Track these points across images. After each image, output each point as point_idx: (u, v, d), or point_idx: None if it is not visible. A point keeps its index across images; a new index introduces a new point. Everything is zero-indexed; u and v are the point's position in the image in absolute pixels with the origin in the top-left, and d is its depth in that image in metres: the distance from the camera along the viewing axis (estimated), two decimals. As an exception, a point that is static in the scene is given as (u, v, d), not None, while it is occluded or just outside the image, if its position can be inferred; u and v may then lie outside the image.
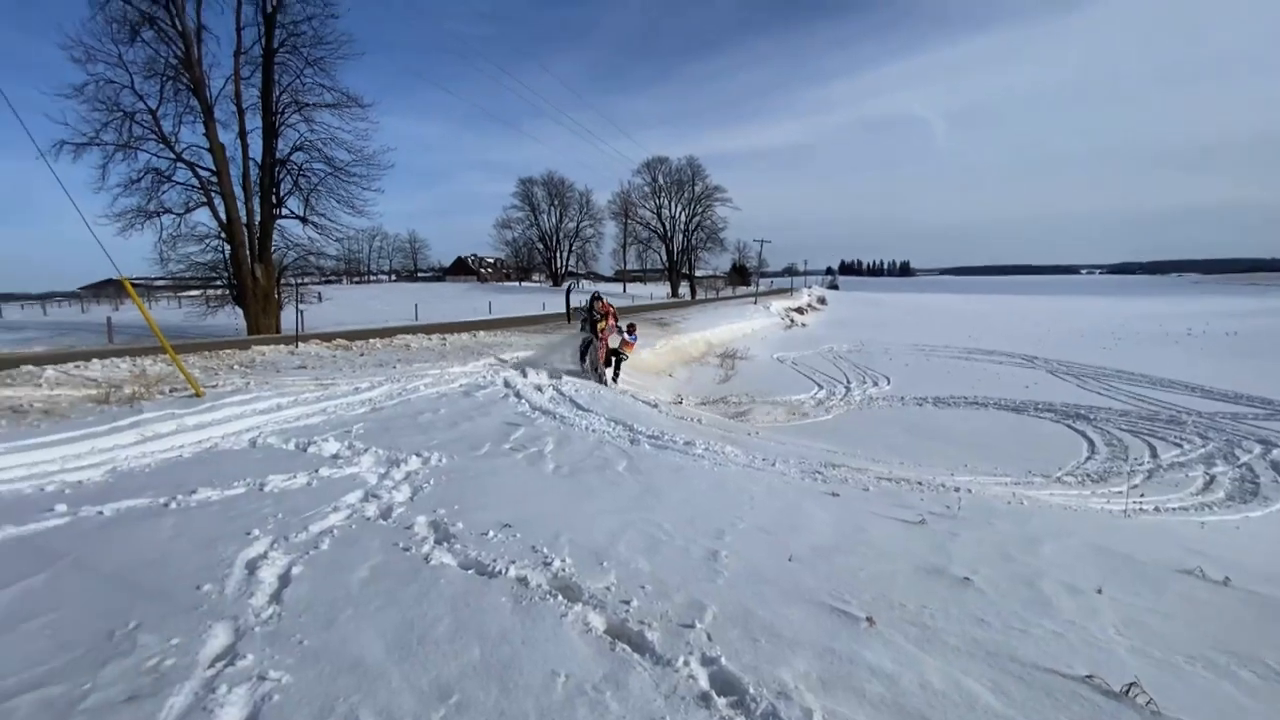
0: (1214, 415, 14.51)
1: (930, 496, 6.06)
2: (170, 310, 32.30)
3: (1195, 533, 6.14)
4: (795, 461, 7.58)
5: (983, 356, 26.47)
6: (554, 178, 68.47)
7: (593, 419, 8.51)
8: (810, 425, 14.53)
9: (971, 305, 63.95)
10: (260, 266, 22.03)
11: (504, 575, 3.21)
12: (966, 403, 17.31)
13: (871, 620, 2.90)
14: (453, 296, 45.86)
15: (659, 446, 7.04)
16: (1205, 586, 3.69)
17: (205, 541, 3.57)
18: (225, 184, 21.18)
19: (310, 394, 8.27)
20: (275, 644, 2.50)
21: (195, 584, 3.02)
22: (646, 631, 2.67)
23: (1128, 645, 2.82)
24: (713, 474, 6.08)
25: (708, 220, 63.95)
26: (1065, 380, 20.76)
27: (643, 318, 30.33)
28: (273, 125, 21.93)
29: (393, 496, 4.54)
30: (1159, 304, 60.82)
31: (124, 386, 7.98)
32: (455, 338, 16.27)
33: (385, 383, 9.36)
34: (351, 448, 5.94)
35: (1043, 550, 4.19)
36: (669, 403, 13.61)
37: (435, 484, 4.90)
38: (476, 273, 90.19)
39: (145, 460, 5.39)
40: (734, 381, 20.46)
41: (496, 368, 11.90)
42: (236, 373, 9.38)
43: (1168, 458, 11.15)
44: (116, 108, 19.47)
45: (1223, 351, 26.56)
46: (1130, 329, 37.62)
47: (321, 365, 10.67)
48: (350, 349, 12.89)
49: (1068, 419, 14.86)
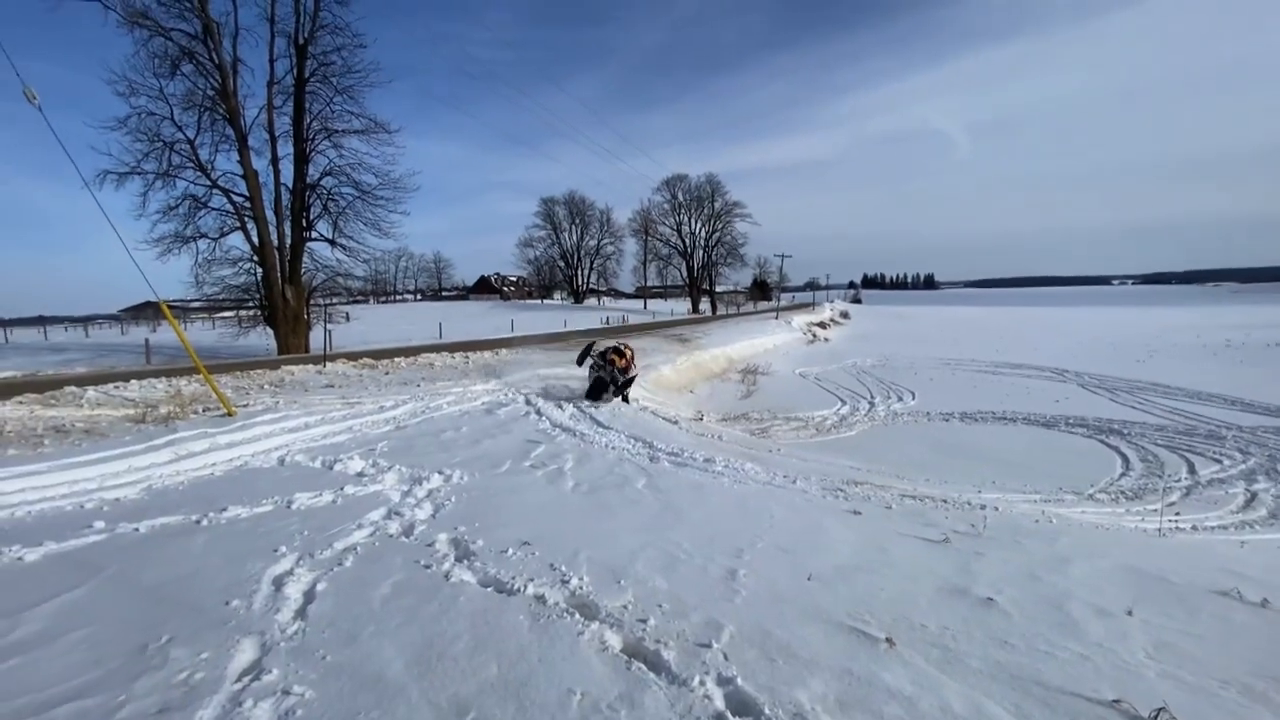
0: (1256, 430, 14.01)
1: (955, 515, 5.95)
2: (204, 331, 33.32)
3: (1234, 552, 5.92)
4: (817, 479, 7.51)
5: (1011, 370, 25.96)
6: (575, 196, 69.52)
7: (613, 436, 8.55)
8: (833, 441, 14.37)
9: (999, 318, 62.86)
10: (290, 288, 22.64)
11: (522, 593, 3.25)
12: (995, 418, 16.97)
13: (891, 641, 2.86)
14: (476, 315, 46.53)
15: (679, 464, 7.04)
16: (1242, 608, 3.56)
17: (235, 558, 3.67)
18: (258, 209, 21.89)
19: (337, 413, 8.45)
20: (300, 659, 2.57)
21: (225, 599, 3.11)
22: (663, 650, 2.68)
23: (1158, 669, 2.74)
24: (733, 492, 6.06)
25: (728, 236, 64.26)
26: (1098, 394, 20.24)
27: (663, 334, 30.40)
28: (304, 151, 22.66)
29: (415, 514, 4.62)
30: (1195, 314, 59.13)
31: (160, 406, 8.25)
32: (478, 356, 16.50)
33: (409, 401, 9.52)
34: (376, 465, 6.06)
35: (1072, 571, 4.09)
36: (689, 419, 13.59)
37: (456, 501, 4.97)
38: (499, 291, 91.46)
39: (179, 478, 5.56)
40: (756, 397, 20.35)
41: (518, 385, 12.03)
42: (266, 392, 9.64)
43: (1206, 474, 10.79)
44: (157, 138, 20.35)
45: (1265, 362, 25.68)
46: (1166, 340, 36.60)
47: (348, 384, 10.90)
48: (376, 368, 13.15)
49: (1101, 434, 14.47)
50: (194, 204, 21.48)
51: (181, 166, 20.98)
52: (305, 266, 23.40)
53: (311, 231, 23.54)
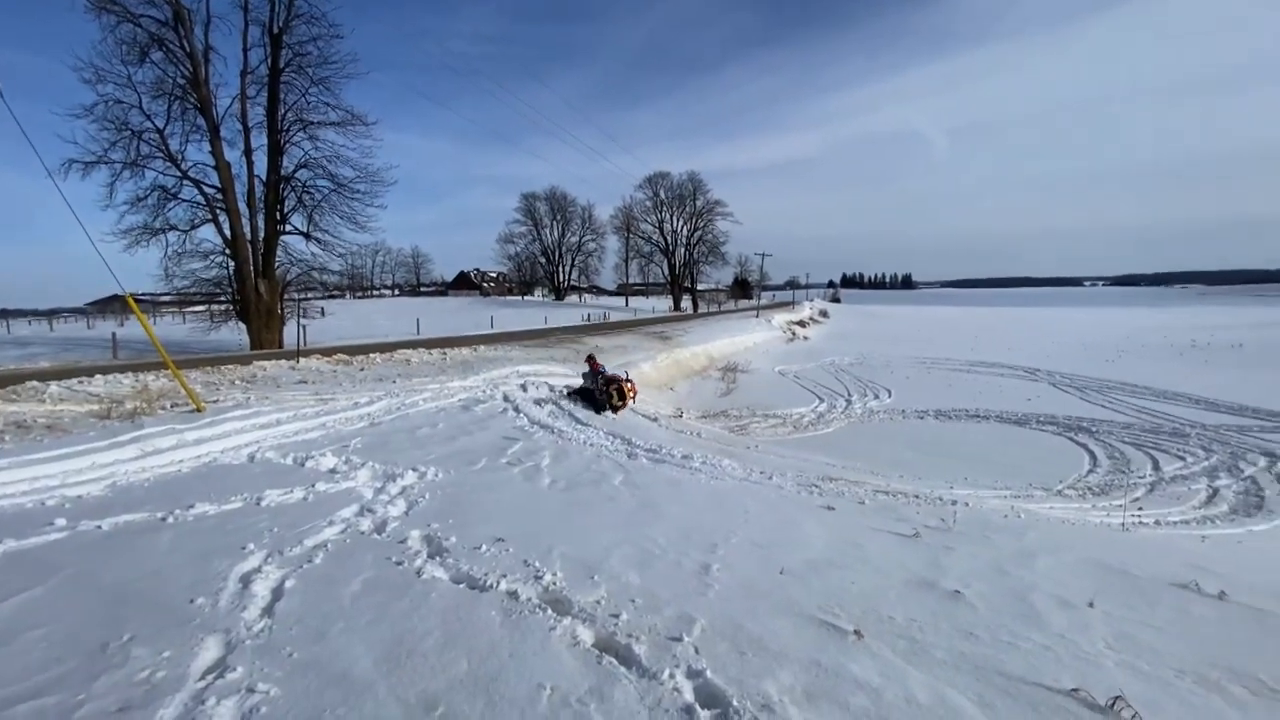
0: (1219, 428, 14.44)
1: (927, 510, 6.05)
2: (174, 326, 32.55)
3: (1195, 547, 6.12)
4: (793, 475, 7.59)
5: (985, 369, 26.44)
6: (556, 192, 69.09)
7: (591, 433, 8.54)
8: (810, 438, 14.52)
9: (974, 317, 63.95)
10: (264, 282, 22.20)
11: (495, 589, 3.23)
12: (968, 415, 17.28)
13: (859, 633, 2.91)
14: (455, 311, 46.08)
15: (656, 460, 7.06)
16: (1200, 600, 3.68)
17: (201, 555, 3.60)
18: (230, 201, 21.42)
19: (309, 409, 8.33)
20: (265, 657, 2.53)
21: (189, 597, 3.05)
22: (634, 644, 2.69)
23: (1116, 659, 2.82)
24: (709, 488, 6.10)
25: (709, 234, 64.40)
26: (1068, 393, 20.72)
27: (644, 331, 30.43)
28: (278, 143, 22.21)
29: (387, 511, 4.58)
30: (1163, 315, 60.75)
31: (126, 402, 8.05)
32: (455, 352, 16.35)
33: (384, 397, 9.41)
34: (349, 462, 5.99)
35: (1037, 564, 4.19)
36: (669, 416, 13.63)
37: (430, 498, 4.93)
38: (479, 287, 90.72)
39: (145, 475, 5.43)
40: (735, 395, 20.47)
41: (496, 382, 11.95)
42: (238, 388, 9.46)
43: (1170, 470, 11.10)
44: (125, 127, 19.78)
45: (1228, 363, 26.47)
46: (1135, 341, 37.55)
47: (322, 380, 10.74)
48: (350, 364, 12.97)
49: (1070, 432, 14.81)
50: (163, 195, 20.93)
51: (150, 156, 20.43)
52: (279, 260, 22.94)
53: (286, 224, 23.09)
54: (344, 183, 23.26)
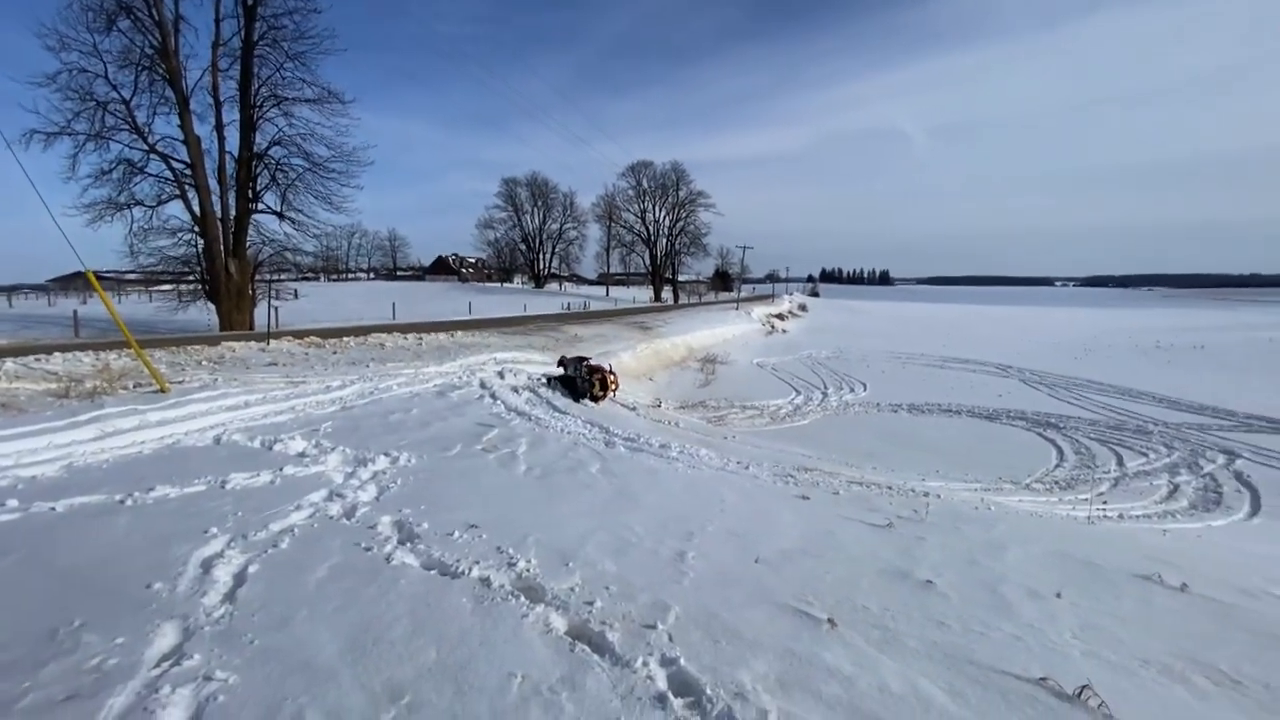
0: (1180, 426, 14.87)
1: (900, 501, 6.12)
2: (140, 305, 31.59)
3: (1157, 540, 6.28)
4: (769, 465, 7.62)
5: (957, 365, 26.91)
6: (538, 178, 68.13)
7: (569, 421, 8.48)
8: (787, 430, 14.63)
9: (948, 314, 65.02)
10: (234, 262, 21.61)
11: (466, 576, 3.17)
12: (940, 410, 17.57)
13: (833, 622, 2.91)
14: (432, 296, 45.42)
15: (634, 449, 7.02)
16: (1163, 592, 3.77)
17: (160, 539, 3.47)
18: (200, 177, 20.76)
19: (279, 392, 8.13)
20: (225, 644, 2.44)
21: (146, 582, 2.94)
22: (608, 632, 2.65)
23: (1083, 649, 2.86)
24: (686, 477, 6.08)
25: (691, 225, 64.16)
26: (1037, 389, 21.18)
27: (624, 321, 30.34)
28: (251, 119, 21.55)
29: (358, 496, 4.47)
30: (1129, 316, 62.40)
31: (86, 381, 7.77)
32: (432, 337, 16.10)
33: (357, 381, 9.23)
34: (319, 446, 5.84)
35: (1007, 556, 4.24)
36: (647, 406, 13.62)
37: (402, 484, 4.83)
38: (457, 272, 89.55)
39: (103, 456, 5.24)
40: (714, 386, 20.54)
41: (473, 369, 11.79)
42: (204, 369, 9.19)
43: (1133, 466, 11.40)
44: (89, 97, 19.02)
45: (1190, 364, 27.28)
46: (1102, 341, 38.52)
47: (293, 363, 10.50)
48: (323, 347, 12.69)
49: (1039, 427, 15.14)
50: (129, 169, 20.21)
51: (116, 128, 19.69)
52: (251, 239, 22.35)
53: (258, 203, 22.48)
54: (319, 161, 22.70)
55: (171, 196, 21.16)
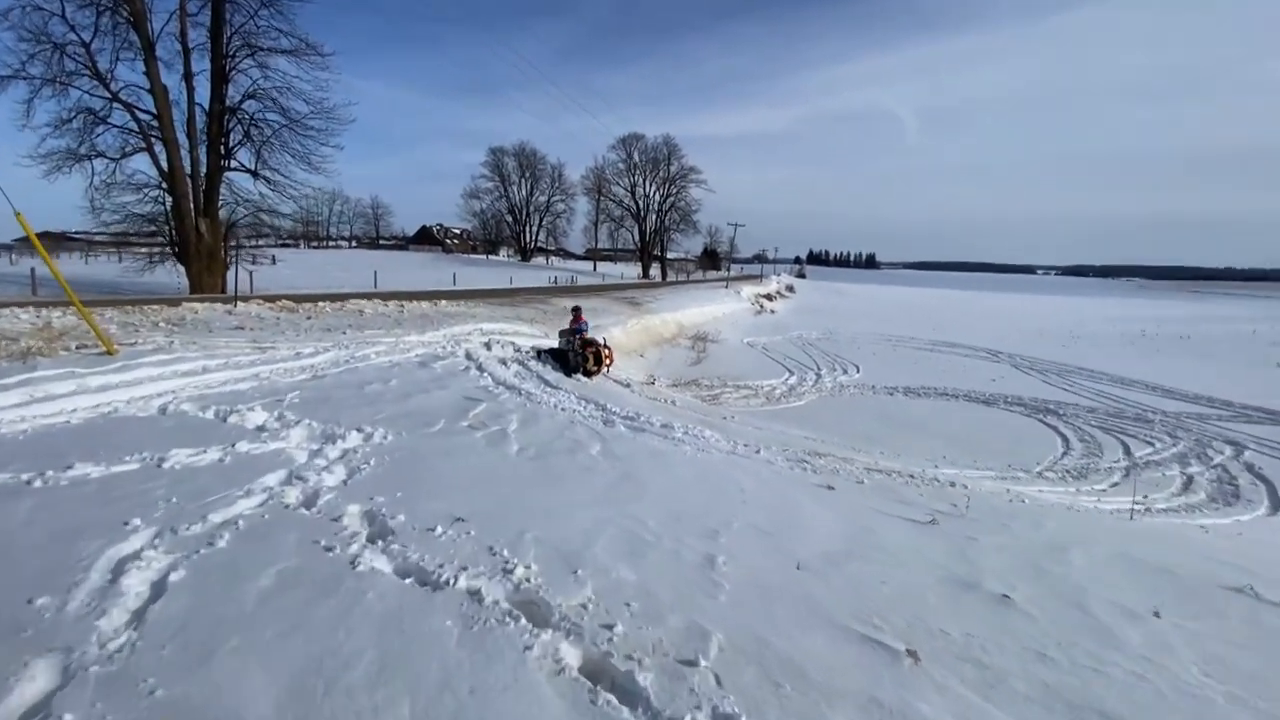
0: (1179, 415, 14.61)
1: (929, 492, 5.58)
2: (109, 265, 30.03)
3: (1205, 539, 5.82)
4: (779, 449, 7.06)
5: (948, 349, 26.63)
6: (526, 149, 66.08)
7: (562, 397, 7.82)
8: (783, 411, 14.12)
9: (935, 299, 64.91)
10: (205, 222, 20.35)
11: (451, 587, 2.52)
12: (937, 394, 17.18)
13: (914, 655, 2.32)
14: (416, 266, 44.03)
15: (635, 429, 6.39)
16: (1268, 610, 3.24)
17: (65, 533, 2.77)
18: (167, 129, 19.39)
19: (244, 357, 7.35)
20: (113, 694, 1.76)
21: (29, 595, 2.24)
22: (637, 672, 2.03)
23: (1222, 691, 2.31)
24: (696, 461, 5.47)
25: (682, 201, 62.82)
26: (1030, 375, 20.92)
27: (614, 296, 29.56)
28: (222, 69, 20.12)
29: (322, 479, 3.77)
30: (1110, 306, 62.85)
31: (21, 340, 6.93)
32: (414, 305, 15.25)
33: (332, 349, 8.45)
34: (281, 419, 5.11)
35: (1072, 560, 3.70)
36: (641, 383, 12.99)
37: (376, 465, 4.14)
38: (442, 243, 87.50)
39: (22, 426, 4.47)
40: (705, 364, 19.97)
41: (458, 339, 11.04)
42: (161, 331, 8.34)
43: (1141, 455, 11.05)
44: (45, 38, 17.53)
45: (1177, 353, 27.29)
46: (1087, 329, 38.55)
47: (262, 327, 9.67)
48: (296, 311, 11.81)
49: (1038, 413, 14.79)
50: (90, 118, 18.78)
51: (76, 74, 18.22)
52: (223, 199, 21.05)
53: (231, 160, 21.14)
54: (296, 118, 21.28)
55: (136, 149, 19.79)
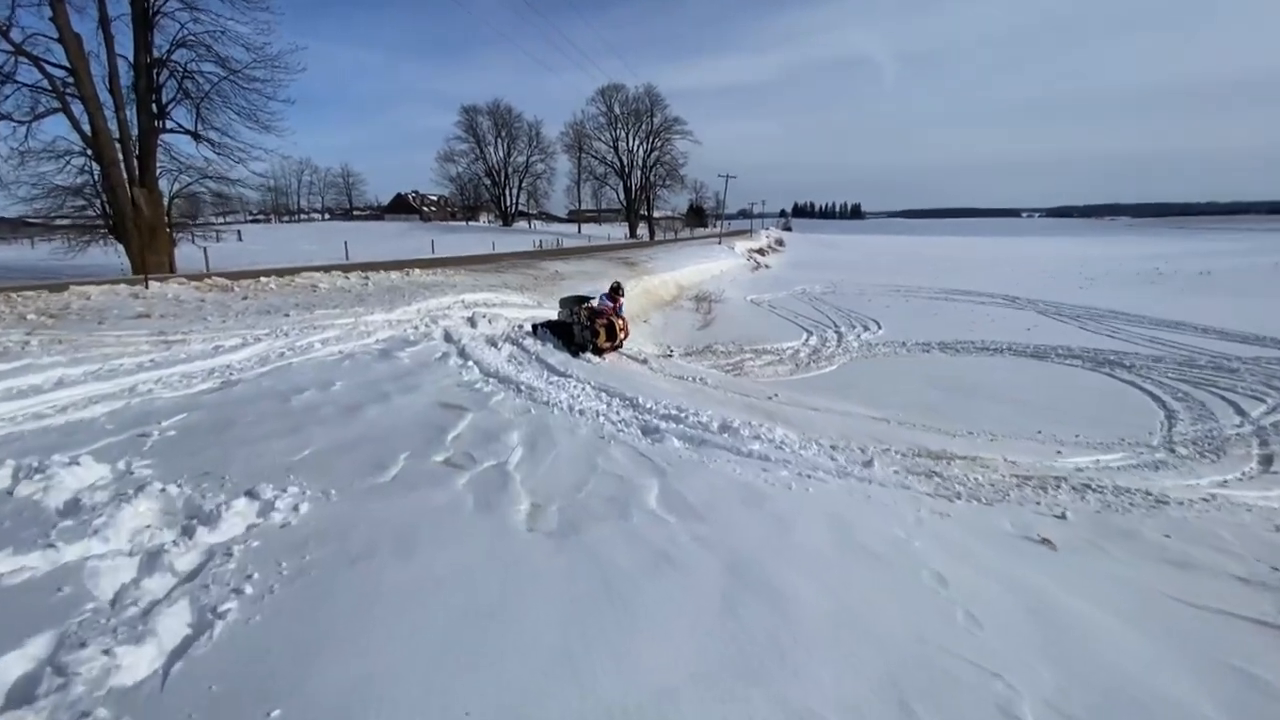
0: (1258, 360, 12.85)
1: (1153, 522, 3.68)
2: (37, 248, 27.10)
3: None
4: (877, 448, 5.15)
5: (962, 297, 24.72)
6: (500, 106, 61.78)
7: (575, 389, 5.81)
8: (816, 379, 12.16)
9: (930, 247, 62.81)
10: (142, 192, 17.74)
11: None
12: (976, 348, 15.28)
13: None
14: (391, 236, 41.09)
15: (691, 440, 4.41)
16: None
17: None
18: (85, 85, 16.57)
19: (130, 359, 5.26)
20: None
21: None
22: None
23: None
24: (815, 506, 3.49)
25: (667, 155, 59.41)
26: (1064, 322, 19.08)
27: (606, 257, 27.30)
28: (145, 11, 17.18)
29: (118, 662, 1.76)
30: (1106, 246, 61.14)
31: None
32: (381, 276, 12.99)
33: (266, 338, 6.38)
34: (124, 479, 3.04)
35: None
36: (657, 357, 10.99)
37: (261, 587, 2.12)
38: (418, 211, 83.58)
39: None
40: (714, 328, 17.98)
41: (434, 315, 8.92)
42: (24, 325, 6.18)
43: (1257, 416, 9.27)
44: (-84, -20, 14.65)
45: (1207, 291, 25.57)
46: (1096, 269, 36.70)
47: (179, 314, 7.50)
48: (230, 290, 9.59)
49: (1102, 367, 12.94)
50: (-12, 75, 16.00)
51: (-35, 22, 15.38)
52: (162, 165, 18.39)
53: (166, 120, 18.39)
54: (236, 68, 18.42)
55: (50, 110, 16.98)
